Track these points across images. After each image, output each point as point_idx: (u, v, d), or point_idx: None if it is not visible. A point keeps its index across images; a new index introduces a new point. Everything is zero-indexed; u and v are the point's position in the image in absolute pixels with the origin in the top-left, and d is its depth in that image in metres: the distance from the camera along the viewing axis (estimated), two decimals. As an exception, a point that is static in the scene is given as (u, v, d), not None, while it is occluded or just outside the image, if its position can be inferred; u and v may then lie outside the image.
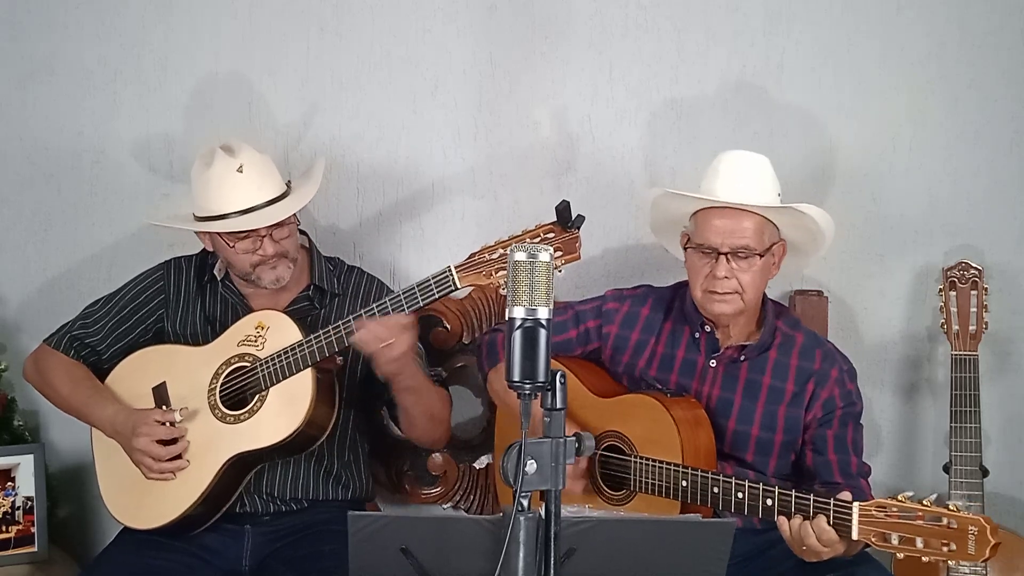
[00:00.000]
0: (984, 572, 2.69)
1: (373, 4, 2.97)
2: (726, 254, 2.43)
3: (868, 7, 2.90)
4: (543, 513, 1.65)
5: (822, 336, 2.70)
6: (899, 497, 2.09)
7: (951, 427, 2.76)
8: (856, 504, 2.12)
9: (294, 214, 2.62)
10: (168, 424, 2.51)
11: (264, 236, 2.56)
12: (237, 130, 2.80)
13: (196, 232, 2.65)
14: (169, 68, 3.00)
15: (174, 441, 2.51)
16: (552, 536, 1.65)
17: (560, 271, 2.27)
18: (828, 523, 2.15)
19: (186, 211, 2.69)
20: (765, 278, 2.49)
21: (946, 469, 2.77)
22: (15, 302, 3.08)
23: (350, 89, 2.99)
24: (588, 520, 1.84)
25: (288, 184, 2.67)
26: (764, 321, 2.55)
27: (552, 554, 1.65)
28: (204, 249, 2.73)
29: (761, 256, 2.45)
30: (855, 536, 2.12)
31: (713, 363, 2.53)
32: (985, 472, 2.74)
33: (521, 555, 1.63)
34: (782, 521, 2.22)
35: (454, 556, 1.83)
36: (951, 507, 2.05)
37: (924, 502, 2.06)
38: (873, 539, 2.10)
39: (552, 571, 1.65)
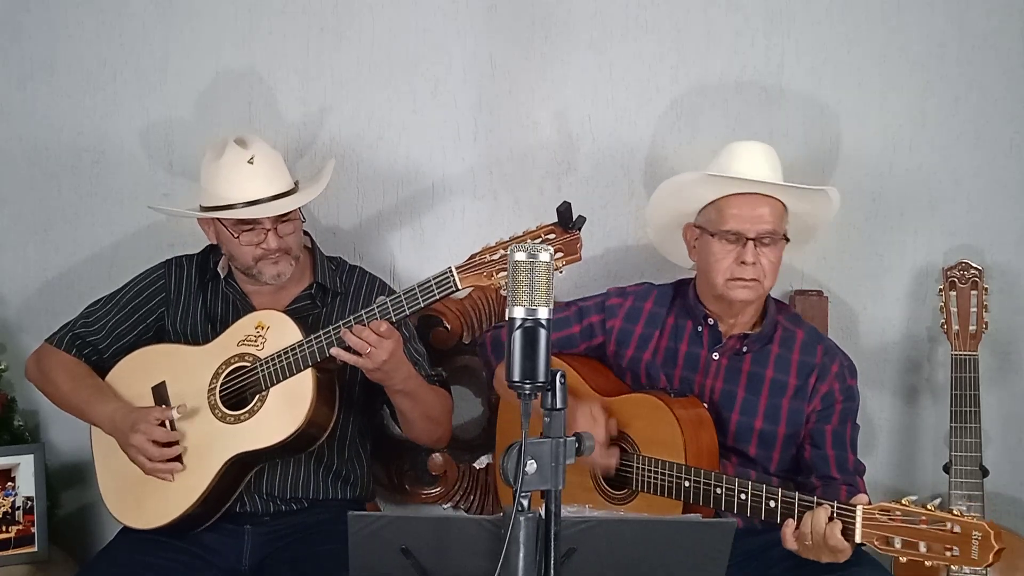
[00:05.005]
0: (985, 574, 2.69)
1: (373, 4, 2.97)
2: (753, 239, 2.44)
3: (868, 7, 2.90)
4: (543, 513, 1.65)
5: (822, 332, 2.70)
6: (903, 501, 2.08)
7: (951, 427, 2.77)
8: (860, 507, 2.11)
9: (300, 212, 2.63)
10: (167, 423, 2.51)
11: (269, 230, 2.56)
12: (237, 130, 2.79)
13: (200, 224, 2.66)
14: (169, 68, 3.00)
15: (171, 444, 2.51)
16: (552, 536, 1.65)
17: (561, 272, 2.27)
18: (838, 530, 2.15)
19: (190, 205, 2.69)
20: (779, 266, 2.50)
21: (946, 469, 2.77)
22: (15, 302, 3.07)
23: (350, 89, 2.99)
24: (588, 520, 1.84)
25: (296, 184, 2.68)
26: (766, 313, 2.56)
27: (552, 554, 1.65)
28: (206, 248, 2.73)
29: (784, 240, 2.48)
30: (858, 539, 2.12)
31: (716, 356, 2.53)
32: (985, 472, 2.74)
33: (521, 555, 1.63)
34: (789, 523, 2.21)
35: (454, 556, 1.83)
36: (955, 512, 2.04)
37: (928, 506, 2.05)
38: (876, 542, 2.09)
39: (552, 571, 1.65)
